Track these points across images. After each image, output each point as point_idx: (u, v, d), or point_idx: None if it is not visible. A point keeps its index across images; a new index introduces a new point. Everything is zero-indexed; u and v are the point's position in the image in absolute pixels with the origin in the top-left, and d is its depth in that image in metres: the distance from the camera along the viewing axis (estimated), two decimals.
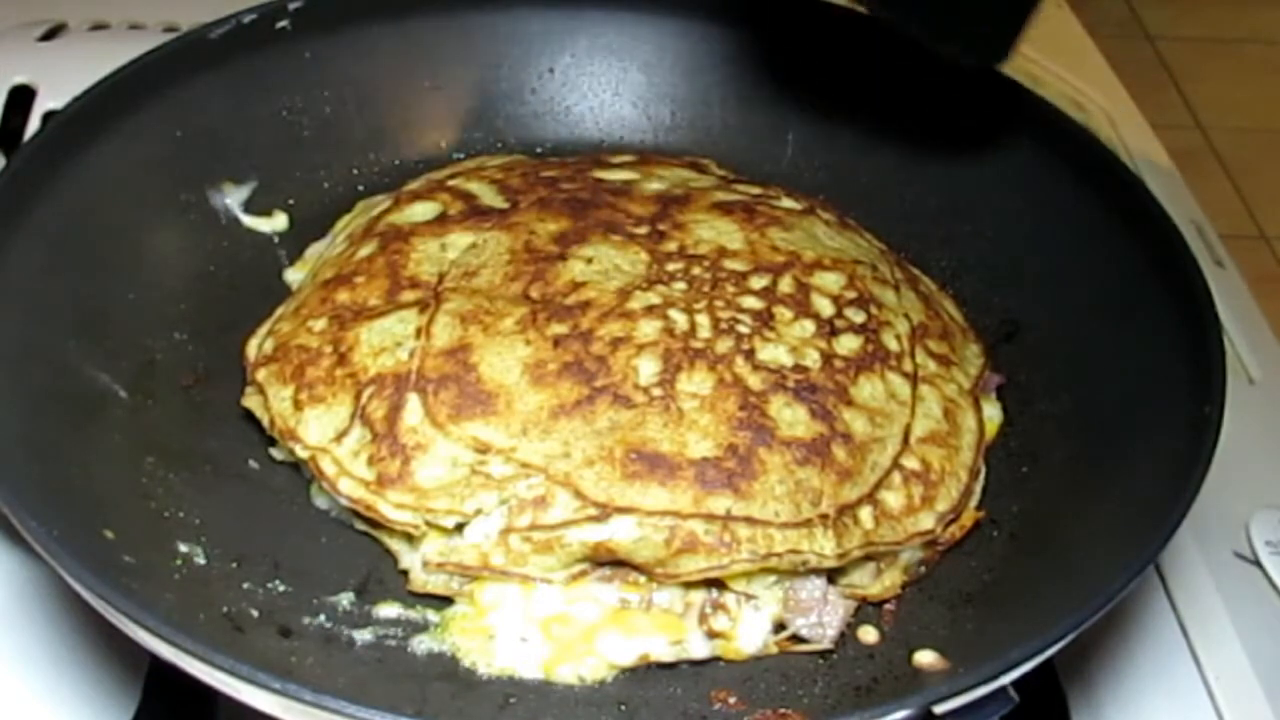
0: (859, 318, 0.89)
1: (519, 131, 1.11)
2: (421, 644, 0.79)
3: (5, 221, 0.84)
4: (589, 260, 0.90)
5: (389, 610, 0.80)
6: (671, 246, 0.91)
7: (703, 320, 0.86)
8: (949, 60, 0.90)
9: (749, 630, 0.79)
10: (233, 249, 0.99)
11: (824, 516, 0.79)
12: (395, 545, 0.82)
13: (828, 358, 0.85)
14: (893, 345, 0.88)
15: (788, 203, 0.98)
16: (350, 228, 0.98)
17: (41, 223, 0.86)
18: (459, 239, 0.92)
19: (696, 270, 0.89)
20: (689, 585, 0.79)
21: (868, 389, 0.85)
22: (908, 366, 0.88)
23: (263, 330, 0.91)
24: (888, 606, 0.82)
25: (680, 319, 0.86)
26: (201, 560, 0.80)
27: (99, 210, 0.91)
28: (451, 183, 0.99)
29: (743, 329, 0.86)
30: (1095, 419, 0.88)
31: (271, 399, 0.85)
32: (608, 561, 0.79)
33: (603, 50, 1.13)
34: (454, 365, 0.83)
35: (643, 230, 0.93)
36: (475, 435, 0.80)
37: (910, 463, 0.84)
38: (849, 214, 1.02)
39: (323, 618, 0.79)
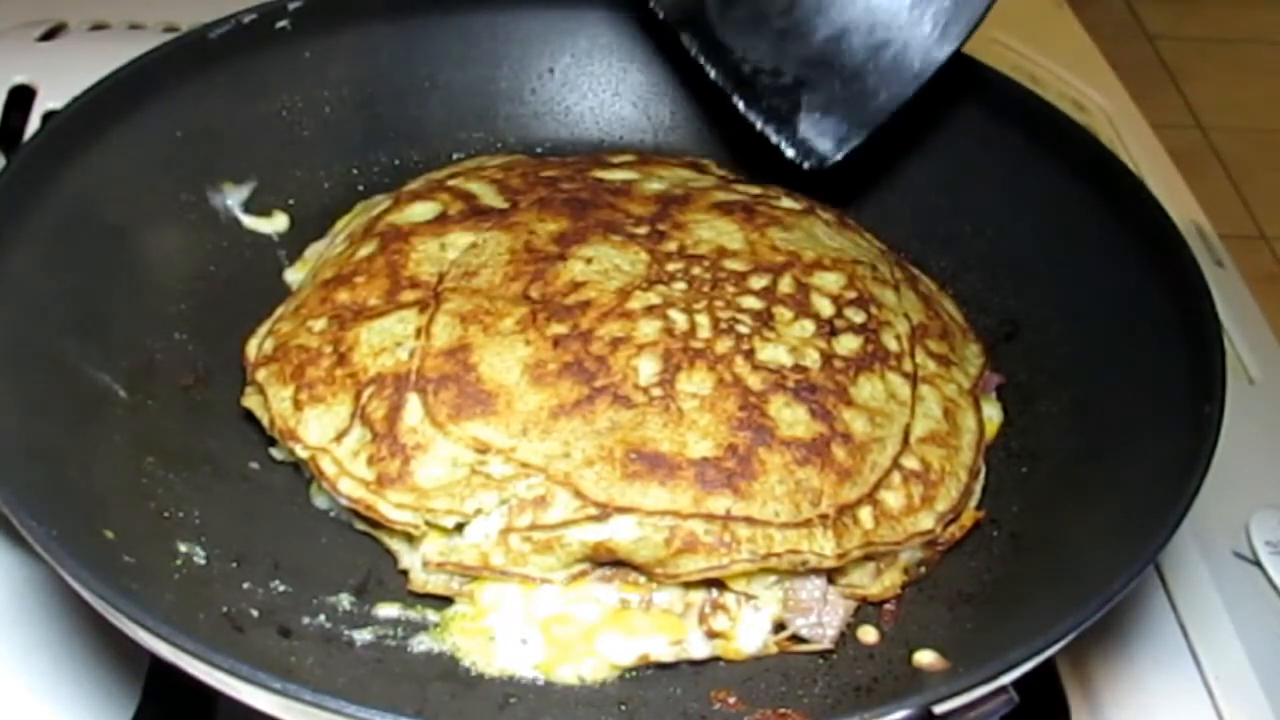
0: (859, 318, 0.89)
1: (519, 131, 1.11)
2: (421, 644, 0.78)
3: (5, 221, 0.84)
4: (589, 260, 0.90)
5: (389, 610, 0.80)
6: (671, 246, 0.91)
7: (703, 320, 0.86)
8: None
9: (749, 630, 0.79)
10: (233, 249, 0.99)
11: (824, 516, 0.79)
12: (395, 545, 0.82)
13: (827, 358, 0.85)
14: (892, 345, 0.88)
15: (787, 203, 0.98)
16: (350, 228, 0.98)
17: (41, 223, 0.86)
18: (459, 239, 0.92)
19: (696, 270, 0.89)
20: (689, 585, 0.79)
21: (867, 389, 0.85)
22: (907, 366, 0.88)
23: (263, 330, 0.91)
24: (888, 606, 0.82)
25: (680, 319, 0.86)
26: (201, 560, 0.80)
27: (99, 210, 0.91)
28: (451, 183, 0.99)
29: (742, 329, 0.85)
30: (1095, 419, 0.88)
31: (271, 399, 0.85)
32: (608, 561, 0.79)
33: (603, 50, 1.13)
34: (454, 365, 0.83)
35: (643, 230, 0.93)
36: (475, 435, 0.80)
37: (910, 463, 0.84)
38: (849, 214, 1.02)
39: (323, 618, 0.79)
